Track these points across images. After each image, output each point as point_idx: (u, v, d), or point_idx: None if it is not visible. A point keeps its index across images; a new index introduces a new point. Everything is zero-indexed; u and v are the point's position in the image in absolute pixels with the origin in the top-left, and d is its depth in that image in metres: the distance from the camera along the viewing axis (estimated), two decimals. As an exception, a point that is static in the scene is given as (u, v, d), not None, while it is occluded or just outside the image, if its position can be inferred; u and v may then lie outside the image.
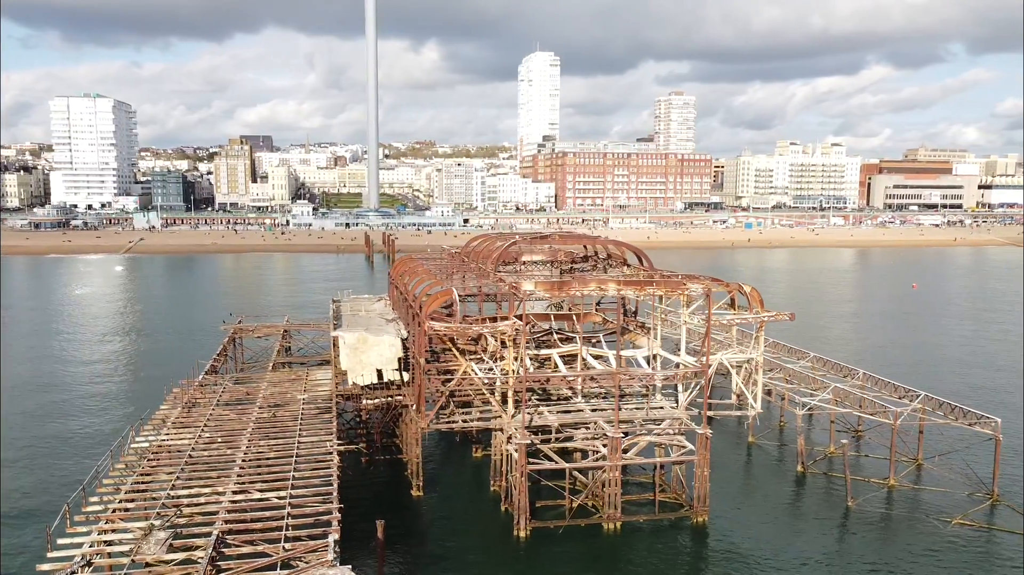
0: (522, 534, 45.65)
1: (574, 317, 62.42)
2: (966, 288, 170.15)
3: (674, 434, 49.76)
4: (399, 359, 55.42)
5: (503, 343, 47.96)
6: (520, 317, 45.53)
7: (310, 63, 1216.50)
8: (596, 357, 54.11)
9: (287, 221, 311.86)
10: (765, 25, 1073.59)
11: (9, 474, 54.71)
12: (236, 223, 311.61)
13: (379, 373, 55.01)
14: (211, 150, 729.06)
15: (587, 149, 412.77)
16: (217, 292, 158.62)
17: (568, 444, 48.76)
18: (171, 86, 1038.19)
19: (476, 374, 47.68)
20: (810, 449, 58.57)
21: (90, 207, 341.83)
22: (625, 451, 47.25)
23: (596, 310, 64.69)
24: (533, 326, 58.38)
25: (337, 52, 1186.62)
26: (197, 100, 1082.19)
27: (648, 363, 52.51)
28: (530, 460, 45.97)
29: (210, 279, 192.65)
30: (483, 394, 50.54)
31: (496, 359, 50.72)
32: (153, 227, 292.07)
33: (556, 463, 46.64)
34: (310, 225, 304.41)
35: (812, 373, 65.87)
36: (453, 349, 48.69)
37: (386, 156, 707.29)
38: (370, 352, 55.40)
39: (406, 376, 55.04)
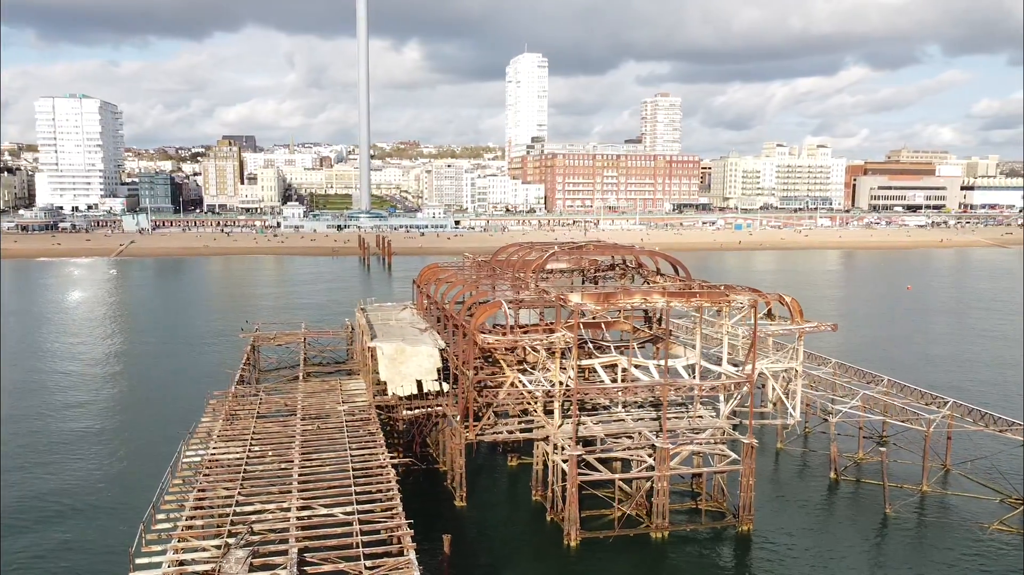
0: (572, 544, 46.04)
1: (602, 325, 62.93)
2: (960, 289, 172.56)
3: (716, 443, 50.36)
4: (438, 369, 55.64)
5: (551, 354, 48.26)
6: (570, 328, 45.87)
7: (290, 62, 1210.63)
8: (636, 367, 54.50)
9: (278, 223, 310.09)
10: (745, 26, 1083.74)
11: (58, 483, 54.33)
12: (226, 225, 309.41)
13: (418, 384, 55.18)
14: (193, 150, 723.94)
15: (576, 151, 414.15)
16: (217, 297, 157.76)
17: (613, 454, 49.18)
18: (149, 85, 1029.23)
19: (526, 386, 47.93)
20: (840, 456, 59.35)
21: (75, 209, 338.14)
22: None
23: (623, 318, 65.16)
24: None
25: (318, 51, 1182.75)
26: (175, 99, 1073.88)
27: (689, 373, 53.02)
28: (580, 471, 46.34)
29: (208, 283, 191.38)
30: (523, 404, 50.84)
31: (540, 370, 51.04)
32: (143, 229, 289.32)
33: (606, 474, 47.04)
34: (302, 227, 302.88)
35: (837, 379, 66.70)
36: (501, 361, 48.91)
37: (372, 157, 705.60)
38: (409, 363, 55.58)
39: (445, 386, 55.23)
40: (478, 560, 44.71)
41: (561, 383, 47.53)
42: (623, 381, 52.59)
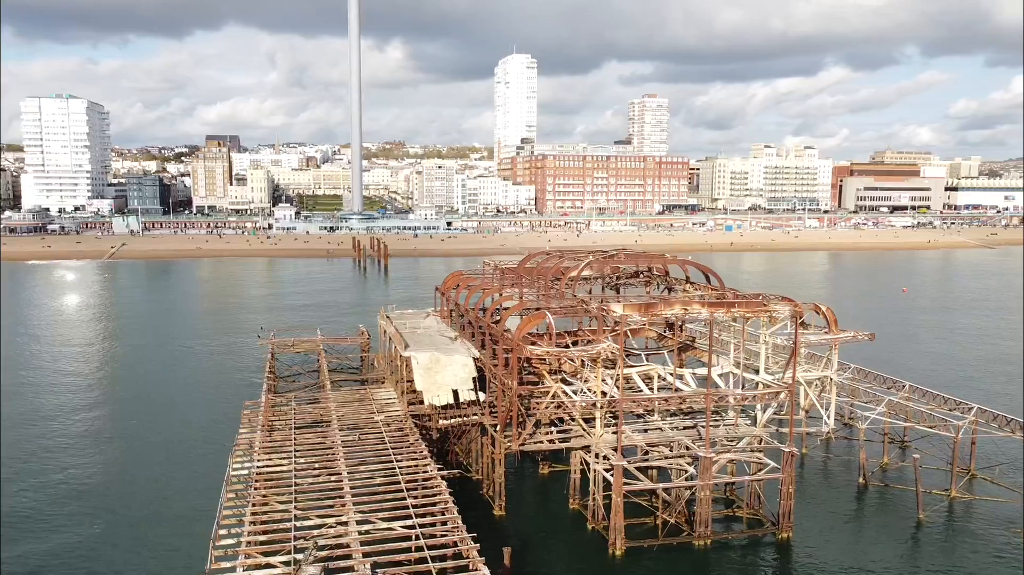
0: (618, 553, 46.38)
1: (628, 332, 63.29)
2: (954, 290, 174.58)
3: (752, 451, 50.90)
4: (473, 379, 55.81)
5: (593, 363, 48.57)
6: (615, 339, 46.18)
7: (272, 61, 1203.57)
8: (673, 375, 54.94)
9: (269, 225, 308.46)
10: (726, 27, 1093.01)
11: (84, 487, 53.99)
12: (216, 227, 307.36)
13: (455, 393, 55.32)
14: (177, 150, 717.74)
15: (566, 152, 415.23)
16: (217, 301, 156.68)
17: (656, 463, 49.58)
18: (129, 83, 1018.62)
19: (572, 397, 48.20)
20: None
21: (62, 211, 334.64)
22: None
23: (648, 326, 65.56)
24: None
25: (300, 50, 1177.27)
26: (156, 98, 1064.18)
27: (724, 381, 53.52)
28: (625, 481, 46.68)
29: (205, 287, 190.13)
30: (561, 414, 51.12)
31: (578, 378, 51.36)
32: (133, 231, 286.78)
33: (649, 484, 47.41)
34: (294, 229, 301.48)
35: (859, 385, 67.53)
36: (542, 371, 49.15)
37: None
38: (444, 372, 55.70)
39: (481, 396, 55.39)
40: (526, 570, 44.90)
41: (605, 393, 47.82)
42: (660, 390, 53.00)
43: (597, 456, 48.70)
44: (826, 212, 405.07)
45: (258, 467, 45.01)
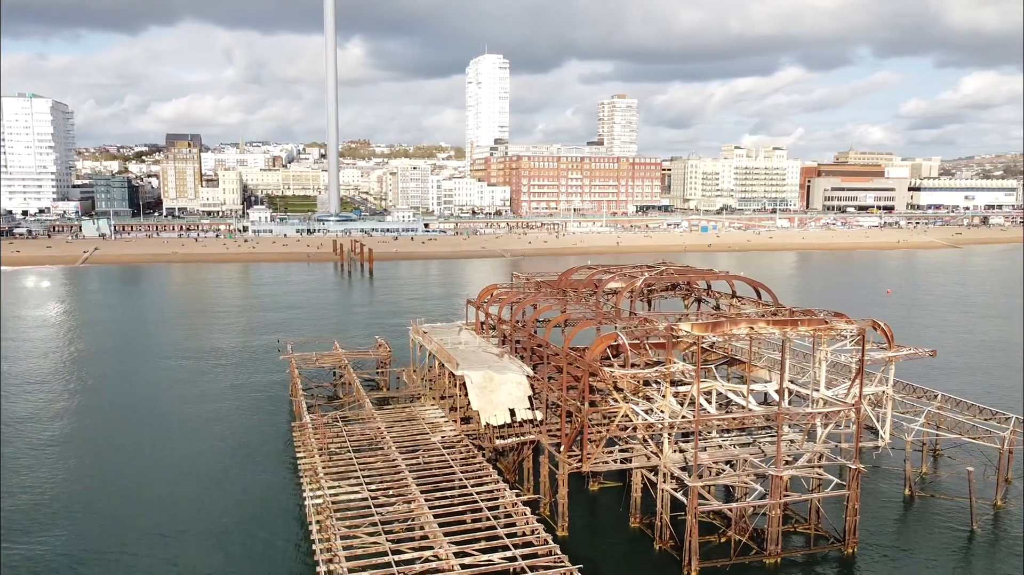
0: (693, 573, 46.31)
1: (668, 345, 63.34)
2: (934, 291, 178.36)
3: (814, 468, 51.25)
4: (528, 397, 55.34)
5: (663, 382, 48.40)
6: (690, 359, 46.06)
7: (228, 57, 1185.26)
8: (736, 393, 55.01)
9: (244, 227, 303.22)
10: (685, 27, 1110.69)
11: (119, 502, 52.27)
12: (189, 229, 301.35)
13: (511, 412, 54.76)
14: (136, 148, 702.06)
15: (541, 153, 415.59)
16: (206, 310, 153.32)
17: (723, 481, 49.63)
18: (80, 79, 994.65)
19: (644, 417, 47.98)
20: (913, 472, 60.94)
21: (26, 213, 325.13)
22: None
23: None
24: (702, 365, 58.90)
25: (257, 47, 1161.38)
26: (108, 94, 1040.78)
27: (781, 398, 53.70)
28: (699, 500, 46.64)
29: (188, 294, 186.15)
30: (629, 434, 50.86)
31: (639, 396, 51.16)
32: (104, 235, 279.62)
33: (726, 503, 47.43)
34: (270, 231, 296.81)
35: (896, 396, 68.37)
36: (612, 390, 48.87)
37: (322, 156, 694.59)
38: (499, 391, 55.13)
39: (538, 415, 54.92)
40: (607, 594, 44.68)
41: (674, 413, 47.70)
42: (719, 406, 53.08)
43: (664, 476, 48.56)
44: (796, 212, 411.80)
45: (332, 496, 43.98)
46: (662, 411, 48.33)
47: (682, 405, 49.54)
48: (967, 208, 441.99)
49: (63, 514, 54.28)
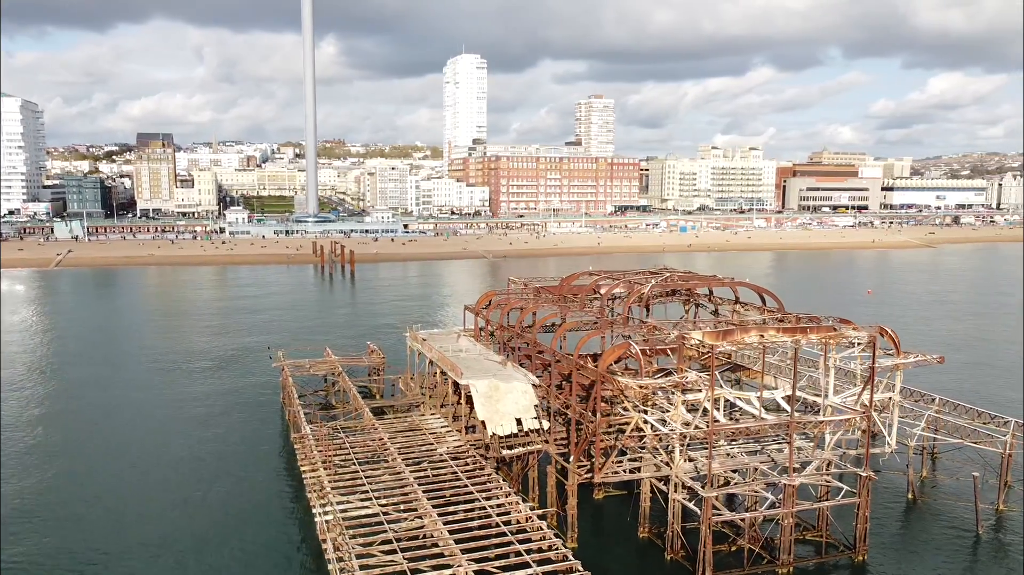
0: (707, 585, 45.95)
1: (668, 351, 63.00)
2: (916, 290, 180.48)
3: (822, 475, 51.13)
4: (535, 406, 54.66)
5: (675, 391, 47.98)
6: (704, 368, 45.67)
7: (199, 55, 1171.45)
8: (744, 400, 54.73)
9: (221, 229, 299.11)
10: (659, 27, 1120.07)
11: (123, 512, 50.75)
12: (164, 231, 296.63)
13: (518, 422, 54.06)
14: (107, 148, 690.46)
15: (519, 153, 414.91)
16: (186, 313, 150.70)
17: (733, 490, 49.32)
18: (46, 77, 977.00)
19: (659, 427, 47.50)
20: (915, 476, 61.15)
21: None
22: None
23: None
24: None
25: (229, 45, 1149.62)
26: (75, 92, 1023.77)
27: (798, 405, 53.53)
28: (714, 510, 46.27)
29: (167, 298, 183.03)
30: (641, 443, 50.40)
31: (649, 405, 50.71)
32: (77, 237, 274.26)
33: (739, 513, 47.11)
34: (248, 233, 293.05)
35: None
36: (626, 402, 48.35)
37: (297, 156, 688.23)
38: (504, 400, 54.39)
39: (545, 424, 54.27)
40: (623, 608, 44.13)
41: (687, 422, 47.30)
42: (729, 415, 52.79)
43: (676, 486, 48.13)
44: (773, 212, 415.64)
45: (341, 512, 42.96)
46: (674, 420, 47.90)
47: (691, 413, 49.20)
48: (938, 208, 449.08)
49: (53, 524, 52.62)
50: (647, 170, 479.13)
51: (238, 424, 75.40)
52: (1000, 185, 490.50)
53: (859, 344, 48.92)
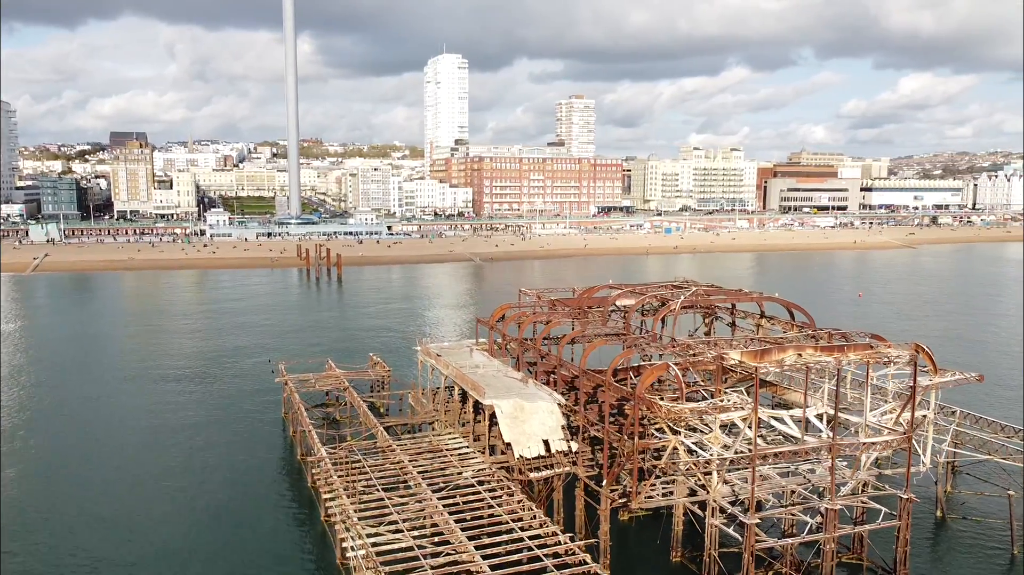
0: (749, 613, 44.48)
1: (690, 366, 61.56)
2: (904, 291, 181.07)
3: (858, 496, 49.92)
4: (562, 427, 52.88)
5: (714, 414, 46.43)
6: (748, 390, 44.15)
7: (171, 53, 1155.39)
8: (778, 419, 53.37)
9: (202, 231, 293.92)
10: (635, 27, 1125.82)
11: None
12: (145, 234, 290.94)
13: (545, 443, 52.23)
14: (79, 147, 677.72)
15: (502, 154, 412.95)
16: (172, 321, 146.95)
17: (773, 512, 47.91)
18: (14, 74, 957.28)
19: (701, 453, 45.92)
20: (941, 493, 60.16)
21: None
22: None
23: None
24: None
25: (202, 42, 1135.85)
26: (44, 90, 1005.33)
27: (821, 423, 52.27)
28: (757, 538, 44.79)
29: (151, 304, 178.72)
30: (677, 467, 48.79)
31: (683, 426, 49.14)
32: (53, 240, 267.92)
33: (780, 540, 45.70)
34: (229, 235, 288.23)
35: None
36: (664, 425, 46.71)
37: (275, 155, 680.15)
38: (531, 421, 52.56)
39: (574, 446, 52.51)
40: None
41: (726, 446, 45.79)
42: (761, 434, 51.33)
43: (713, 510, 46.60)
44: (754, 213, 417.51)
45: (373, 544, 40.87)
46: (713, 444, 46.37)
47: (726, 433, 47.71)
48: (916, 208, 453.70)
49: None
50: (629, 171, 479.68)
51: (241, 445, 72.18)
52: (975, 185, 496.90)
53: (898, 363, 47.67)
